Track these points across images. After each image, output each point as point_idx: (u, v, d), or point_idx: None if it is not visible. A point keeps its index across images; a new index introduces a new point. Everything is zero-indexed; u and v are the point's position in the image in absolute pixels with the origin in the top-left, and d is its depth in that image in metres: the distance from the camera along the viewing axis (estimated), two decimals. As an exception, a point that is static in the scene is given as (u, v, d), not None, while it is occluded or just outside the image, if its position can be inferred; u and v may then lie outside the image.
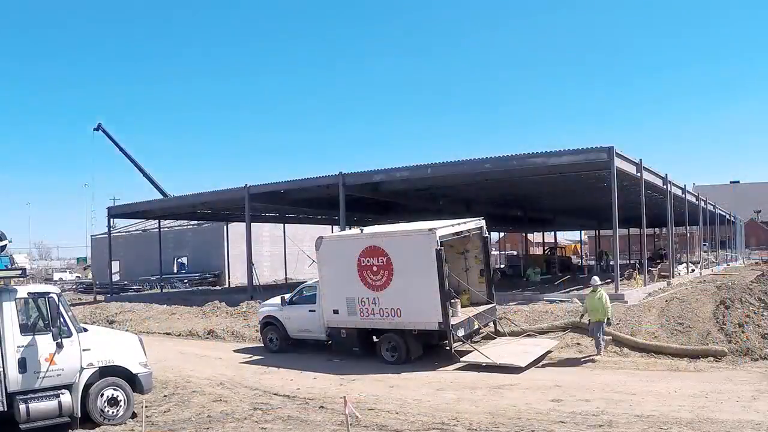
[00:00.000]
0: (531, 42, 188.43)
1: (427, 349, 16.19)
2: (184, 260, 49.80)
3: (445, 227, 16.08)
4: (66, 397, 10.61)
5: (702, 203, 40.48)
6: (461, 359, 15.11)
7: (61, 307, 10.77)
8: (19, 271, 11.44)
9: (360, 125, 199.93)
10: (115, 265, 47.77)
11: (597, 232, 68.40)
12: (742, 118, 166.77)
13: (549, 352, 15.94)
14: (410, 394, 12.71)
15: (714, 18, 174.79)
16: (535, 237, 76.34)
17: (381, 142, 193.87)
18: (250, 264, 29.71)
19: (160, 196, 44.91)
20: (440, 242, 15.21)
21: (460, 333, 15.43)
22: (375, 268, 15.90)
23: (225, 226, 44.31)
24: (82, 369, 10.86)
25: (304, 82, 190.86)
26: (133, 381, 11.40)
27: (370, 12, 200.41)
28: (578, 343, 16.52)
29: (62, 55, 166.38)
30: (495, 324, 17.52)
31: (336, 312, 16.72)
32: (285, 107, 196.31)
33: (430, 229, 15.40)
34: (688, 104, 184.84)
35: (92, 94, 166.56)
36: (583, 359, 15.33)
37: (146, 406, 11.80)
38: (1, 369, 10.24)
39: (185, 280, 45.18)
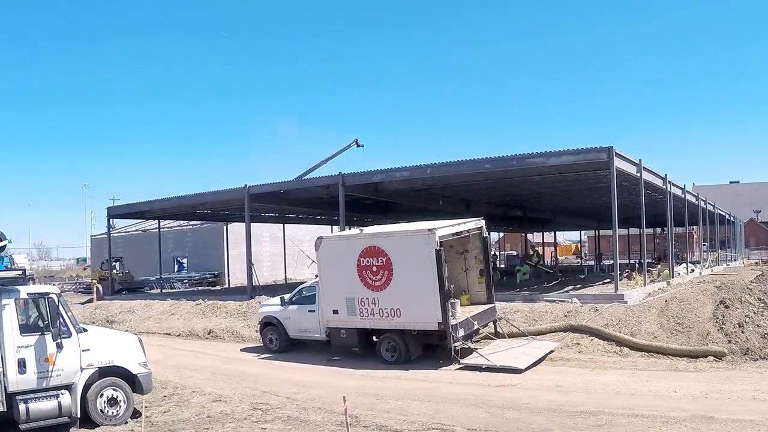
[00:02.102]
0: (531, 42, 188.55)
1: (427, 349, 16.19)
2: (184, 261, 49.82)
3: (445, 227, 16.09)
4: (66, 398, 10.61)
5: (702, 203, 40.49)
6: (461, 360, 15.12)
7: (60, 308, 10.78)
8: (19, 272, 11.46)
9: (359, 123, 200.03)
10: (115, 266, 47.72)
11: (596, 232, 68.43)
12: (743, 118, 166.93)
13: (550, 352, 15.94)
14: (410, 395, 12.71)
15: (713, 17, 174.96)
16: (535, 237, 76.40)
17: (380, 142, 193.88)
18: (249, 264, 29.72)
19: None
20: (440, 242, 15.21)
21: (460, 333, 15.43)
22: (375, 268, 15.91)
23: (225, 227, 44.31)
24: (81, 369, 10.86)
25: (304, 76, 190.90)
26: (132, 381, 11.40)
27: (372, 12, 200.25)
28: (578, 344, 16.53)
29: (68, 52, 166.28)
30: (495, 325, 17.52)
31: (336, 312, 16.72)
32: (284, 100, 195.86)
33: (429, 230, 15.41)
34: (688, 104, 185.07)
35: (86, 95, 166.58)
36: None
37: (146, 406, 11.82)
38: (1, 369, 10.25)
39: (185, 281, 45.17)
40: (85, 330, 11.44)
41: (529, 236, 72.92)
